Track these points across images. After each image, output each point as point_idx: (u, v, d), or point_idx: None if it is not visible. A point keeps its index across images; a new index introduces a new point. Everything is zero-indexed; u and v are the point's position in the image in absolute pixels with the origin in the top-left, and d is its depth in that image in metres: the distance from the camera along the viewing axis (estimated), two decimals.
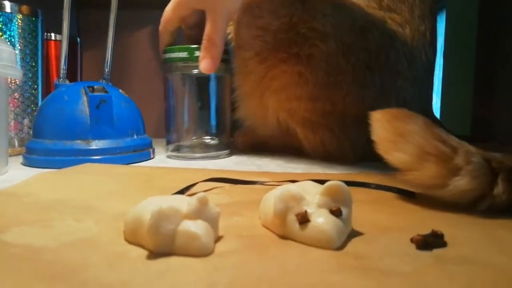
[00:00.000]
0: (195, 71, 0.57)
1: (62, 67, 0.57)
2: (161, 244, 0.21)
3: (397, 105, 0.55)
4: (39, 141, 0.52)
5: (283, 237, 0.24)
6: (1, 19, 0.62)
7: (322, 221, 0.22)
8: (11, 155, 0.60)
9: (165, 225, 0.21)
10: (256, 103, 0.59)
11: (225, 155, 0.61)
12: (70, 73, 0.72)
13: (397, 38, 0.54)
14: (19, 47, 0.64)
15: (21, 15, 0.64)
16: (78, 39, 0.89)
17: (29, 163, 0.52)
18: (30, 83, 0.65)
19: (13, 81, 0.63)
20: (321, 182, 0.26)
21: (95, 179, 0.40)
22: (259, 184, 0.38)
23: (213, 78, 0.58)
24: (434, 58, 0.59)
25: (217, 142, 0.61)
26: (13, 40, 0.63)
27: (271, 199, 0.24)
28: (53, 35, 0.82)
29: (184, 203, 0.22)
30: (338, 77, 0.53)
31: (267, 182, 0.38)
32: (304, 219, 0.23)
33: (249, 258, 0.21)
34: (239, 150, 0.68)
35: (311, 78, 0.54)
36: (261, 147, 0.66)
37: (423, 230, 0.23)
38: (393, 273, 0.19)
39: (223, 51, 0.57)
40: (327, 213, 0.23)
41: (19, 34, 0.64)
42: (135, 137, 0.57)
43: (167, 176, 0.43)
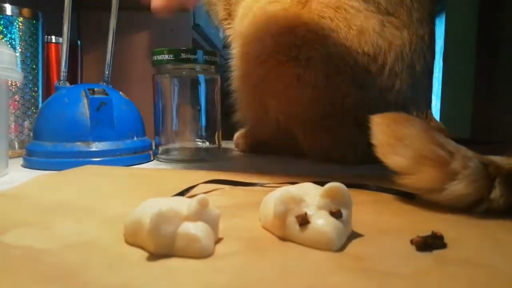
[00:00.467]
0: (184, 73, 0.57)
1: (62, 70, 0.57)
2: (161, 246, 0.21)
3: (396, 107, 0.55)
4: (39, 143, 0.52)
5: (283, 239, 0.24)
6: (2, 22, 0.62)
7: (322, 223, 0.22)
8: (11, 157, 0.60)
9: (165, 227, 0.21)
10: (255, 106, 0.59)
11: (216, 158, 0.60)
12: (70, 75, 0.72)
13: (396, 41, 0.54)
14: (20, 50, 0.64)
15: (21, 18, 0.64)
16: (78, 42, 0.89)
17: (29, 165, 0.52)
18: (30, 86, 0.66)
19: (13, 84, 0.63)
20: (321, 184, 0.26)
21: (95, 181, 0.40)
22: (259, 186, 0.38)
23: (202, 80, 0.58)
24: (433, 61, 0.59)
25: (207, 144, 0.61)
26: (13, 42, 0.63)
27: (271, 201, 0.25)
28: (53, 37, 0.82)
29: (184, 205, 0.22)
30: (337, 79, 0.54)
31: (267, 184, 0.39)
32: (304, 221, 0.23)
33: (249, 260, 0.21)
34: (239, 151, 0.69)
35: (310, 80, 0.54)
36: (261, 149, 0.66)
37: (423, 231, 0.23)
38: (393, 274, 0.19)
39: (212, 53, 0.57)
40: (327, 215, 0.23)
41: (20, 36, 0.64)
42: (135, 139, 0.57)
43: (167, 178, 0.43)
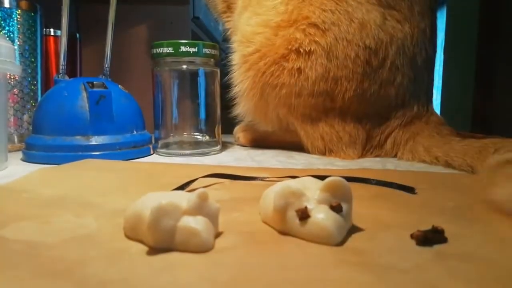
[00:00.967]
0: (184, 66, 0.57)
1: (61, 63, 0.57)
2: (161, 240, 0.21)
3: (397, 101, 0.55)
4: (38, 137, 0.52)
5: (283, 233, 0.24)
6: (0, 15, 0.62)
7: (322, 217, 0.22)
8: (10, 151, 0.60)
9: (165, 221, 0.21)
10: (256, 99, 0.59)
11: (215, 152, 0.60)
12: (69, 68, 0.72)
13: (397, 34, 0.54)
14: (18, 43, 0.64)
15: (20, 11, 0.63)
16: (77, 35, 0.88)
17: (28, 159, 0.52)
18: (29, 79, 0.65)
19: (12, 77, 0.63)
20: (321, 178, 0.26)
21: (94, 175, 0.40)
22: (259, 180, 0.38)
23: (202, 73, 0.58)
24: (434, 54, 0.59)
25: (207, 138, 0.60)
26: (12, 35, 0.63)
27: (271, 195, 0.24)
28: (52, 30, 0.81)
29: (184, 199, 0.22)
30: (338, 73, 0.53)
31: (267, 178, 0.38)
32: (304, 215, 0.23)
33: (249, 254, 0.21)
34: (239, 145, 0.68)
35: (311, 74, 0.54)
36: (261, 142, 0.66)
37: (423, 226, 0.23)
38: (393, 269, 0.19)
39: (212, 46, 0.57)
40: (327, 209, 0.23)
41: (18, 29, 0.63)
42: (135, 133, 0.56)
43: (167, 172, 0.43)
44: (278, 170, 0.45)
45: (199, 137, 0.60)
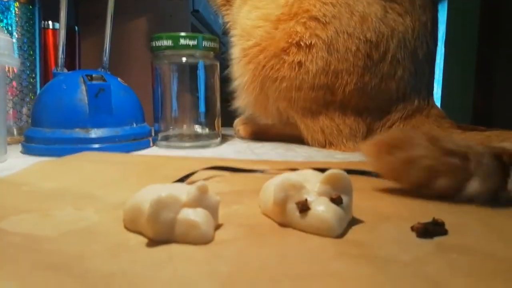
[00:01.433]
0: (183, 59, 0.56)
1: (60, 56, 0.57)
2: (161, 232, 0.21)
3: (398, 95, 0.55)
4: (38, 130, 0.52)
5: (283, 225, 0.24)
6: None
7: (322, 209, 0.22)
8: (10, 144, 0.60)
9: (164, 213, 0.21)
10: (256, 93, 0.59)
11: (215, 144, 0.60)
12: (68, 61, 0.71)
13: (398, 27, 0.53)
14: (17, 36, 0.63)
15: (18, 3, 0.63)
16: (76, 28, 0.88)
17: (28, 151, 0.52)
18: (28, 72, 0.65)
19: (11, 70, 0.62)
20: (322, 170, 0.26)
21: (94, 168, 0.40)
22: (259, 172, 0.38)
23: (201, 66, 0.58)
24: (435, 48, 0.58)
25: (207, 131, 0.60)
26: (10, 28, 0.62)
27: (271, 188, 0.24)
28: (50, 23, 0.81)
29: (183, 191, 0.22)
30: (338, 66, 0.53)
31: (267, 170, 0.38)
32: (304, 208, 0.23)
33: (249, 246, 0.21)
34: (239, 138, 0.68)
35: (311, 67, 0.54)
36: (261, 135, 0.66)
37: (424, 218, 0.23)
38: (393, 261, 0.19)
39: (211, 39, 0.57)
40: (327, 202, 0.23)
41: (17, 22, 0.63)
42: (135, 125, 0.56)
43: (167, 164, 0.43)
44: (278, 162, 0.44)
45: (199, 130, 0.60)
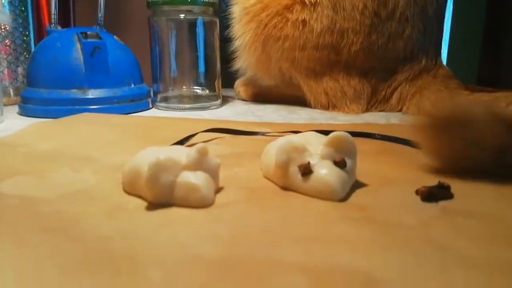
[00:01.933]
0: (181, 15, 0.54)
1: (53, 12, 0.54)
2: (160, 195, 0.20)
3: (405, 54, 0.53)
4: (34, 90, 0.51)
5: (285, 188, 0.23)
6: None
7: (325, 172, 0.22)
8: (6, 105, 0.59)
9: (163, 176, 0.20)
10: (257, 53, 0.57)
11: (215, 106, 0.59)
12: (62, 18, 0.69)
13: None
14: None
15: None
16: None
17: (25, 112, 0.51)
18: (21, 29, 0.63)
19: (2, 27, 0.60)
20: (324, 133, 0.25)
21: (92, 129, 0.39)
22: (260, 134, 0.37)
23: (200, 23, 0.55)
24: (445, 3, 0.56)
25: (207, 92, 0.59)
26: None
27: (273, 150, 0.24)
28: None
29: (183, 154, 0.21)
30: (344, 25, 0.51)
31: (269, 132, 0.38)
32: (307, 171, 0.22)
33: (250, 209, 0.20)
34: (240, 100, 0.67)
35: (316, 26, 0.51)
36: (263, 97, 0.65)
37: (429, 182, 0.23)
38: (397, 225, 0.19)
39: None
40: (330, 165, 0.22)
41: None
42: (133, 86, 0.55)
43: (166, 126, 0.42)
44: (279, 125, 0.44)
45: (198, 91, 0.59)
